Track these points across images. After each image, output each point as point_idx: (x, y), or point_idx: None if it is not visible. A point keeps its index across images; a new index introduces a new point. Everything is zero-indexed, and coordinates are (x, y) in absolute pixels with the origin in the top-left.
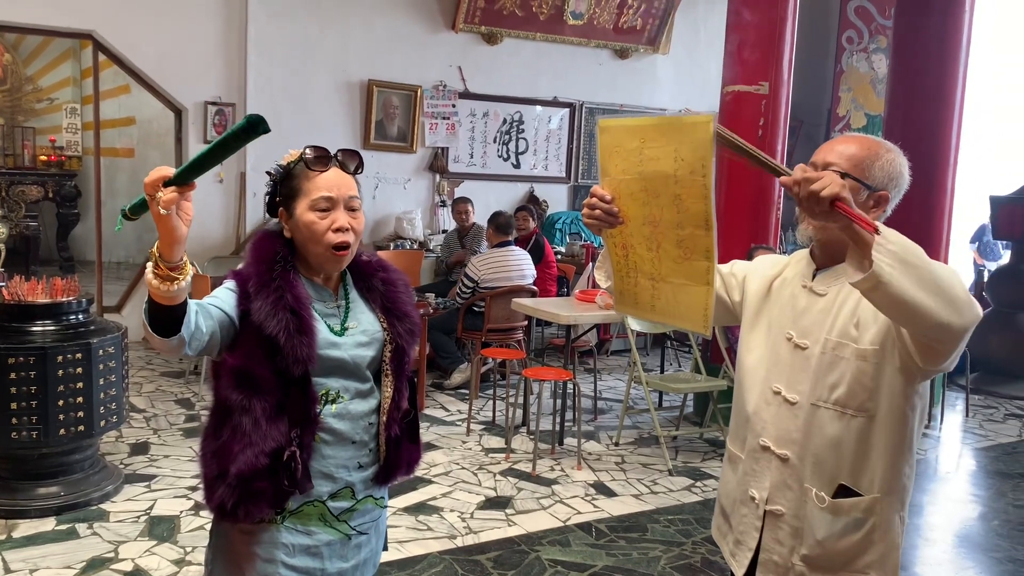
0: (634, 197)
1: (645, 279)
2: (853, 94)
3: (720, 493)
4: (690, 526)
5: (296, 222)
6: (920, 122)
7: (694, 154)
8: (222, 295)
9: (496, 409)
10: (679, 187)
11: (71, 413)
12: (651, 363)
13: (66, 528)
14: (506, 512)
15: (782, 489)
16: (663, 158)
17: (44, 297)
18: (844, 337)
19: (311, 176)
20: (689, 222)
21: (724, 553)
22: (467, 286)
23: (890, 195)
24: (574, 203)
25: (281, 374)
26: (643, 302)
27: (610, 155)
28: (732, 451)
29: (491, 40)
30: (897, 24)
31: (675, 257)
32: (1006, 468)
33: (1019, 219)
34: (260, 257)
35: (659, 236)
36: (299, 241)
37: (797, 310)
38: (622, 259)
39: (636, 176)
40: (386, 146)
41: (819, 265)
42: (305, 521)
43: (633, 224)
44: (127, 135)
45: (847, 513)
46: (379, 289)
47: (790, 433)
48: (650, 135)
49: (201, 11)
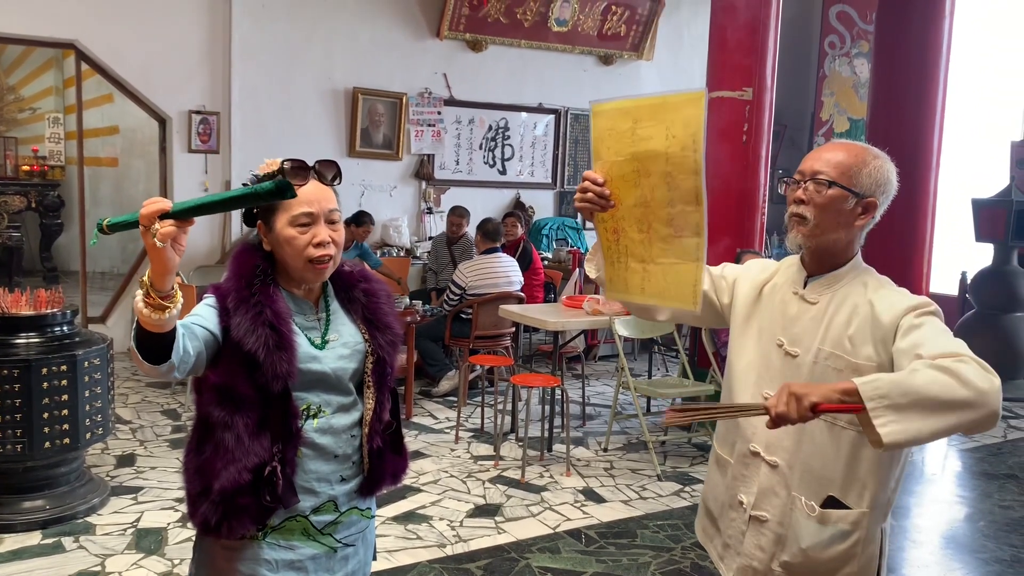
0: (626, 179)
1: (636, 262)
2: (836, 98)
3: (706, 495)
4: (679, 531)
5: (276, 236)
6: (902, 125)
7: (685, 130)
8: (204, 312)
9: (484, 416)
10: (670, 164)
11: (56, 426)
12: (639, 368)
13: (52, 542)
14: (495, 520)
15: (769, 495)
16: (655, 137)
17: (28, 309)
18: (838, 348)
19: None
20: (680, 199)
21: (712, 556)
22: (455, 293)
23: (878, 201)
24: (560, 209)
25: (262, 390)
26: (633, 286)
27: (603, 138)
28: (720, 455)
29: (476, 47)
30: (879, 29)
31: (665, 236)
32: (991, 469)
33: (1001, 221)
34: (239, 272)
35: (650, 216)
36: (279, 255)
37: (788, 317)
38: (613, 244)
39: (629, 157)
40: (372, 153)
41: (810, 272)
42: (287, 536)
43: (624, 207)
44: (110, 144)
45: (835, 524)
46: (361, 300)
47: (780, 440)
48: (642, 115)
49: (184, 20)
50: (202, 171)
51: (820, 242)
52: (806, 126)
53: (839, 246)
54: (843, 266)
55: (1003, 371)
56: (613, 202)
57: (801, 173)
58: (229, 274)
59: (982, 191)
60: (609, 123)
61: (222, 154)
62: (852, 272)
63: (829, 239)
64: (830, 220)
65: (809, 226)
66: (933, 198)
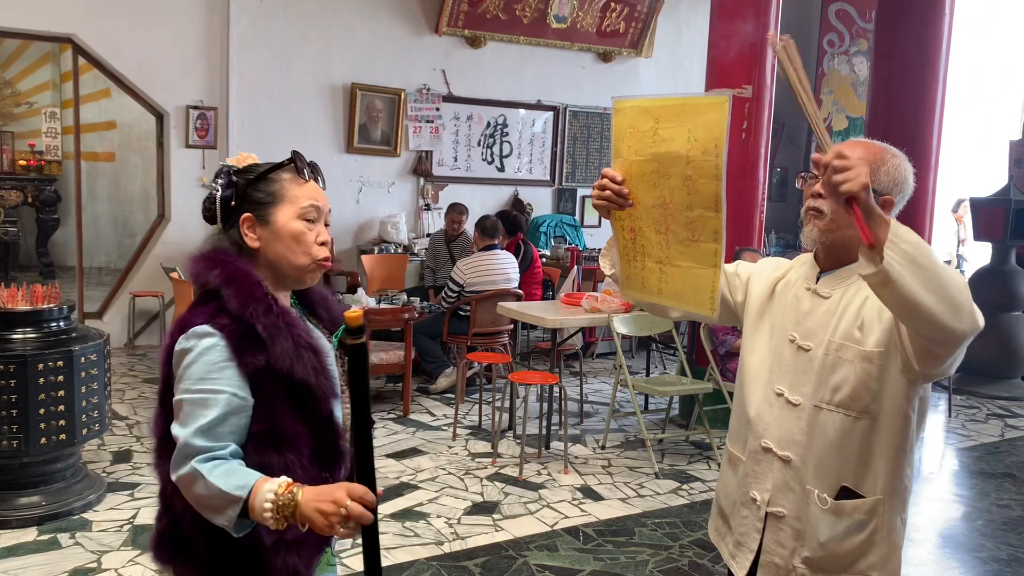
0: (645, 178)
1: (653, 262)
2: (835, 96)
3: (719, 494)
4: (677, 529)
5: (275, 231)
6: (901, 124)
7: (708, 134)
8: (230, 378)
9: (482, 414)
10: (691, 168)
11: (52, 422)
12: (636, 366)
13: (48, 538)
14: (493, 517)
15: (784, 491)
16: (677, 138)
17: (25, 304)
18: (848, 339)
19: (300, 183)
20: (699, 204)
21: (723, 555)
22: (453, 290)
23: (895, 200)
24: (558, 206)
25: (309, 419)
26: (651, 286)
27: (623, 136)
28: (732, 452)
29: (474, 43)
30: (878, 27)
31: (683, 240)
32: (989, 468)
33: (1000, 221)
34: (250, 292)
35: (668, 219)
36: (273, 253)
37: (801, 312)
38: (629, 243)
39: (649, 157)
40: (370, 150)
41: (823, 268)
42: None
43: (642, 207)
44: (108, 139)
45: (850, 515)
46: (318, 302)
47: (792, 435)
48: (665, 115)
49: (182, 14)
50: (199, 166)
51: (835, 237)
52: (804, 124)
53: (853, 242)
54: (856, 261)
55: (1001, 370)
56: (631, 201)
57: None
58: (239, 301)
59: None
60: (630, 121)
61: (219, 149)
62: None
63: (844, 235)
64: (846, 215)
65: (825, 220)
66: (932, 197)
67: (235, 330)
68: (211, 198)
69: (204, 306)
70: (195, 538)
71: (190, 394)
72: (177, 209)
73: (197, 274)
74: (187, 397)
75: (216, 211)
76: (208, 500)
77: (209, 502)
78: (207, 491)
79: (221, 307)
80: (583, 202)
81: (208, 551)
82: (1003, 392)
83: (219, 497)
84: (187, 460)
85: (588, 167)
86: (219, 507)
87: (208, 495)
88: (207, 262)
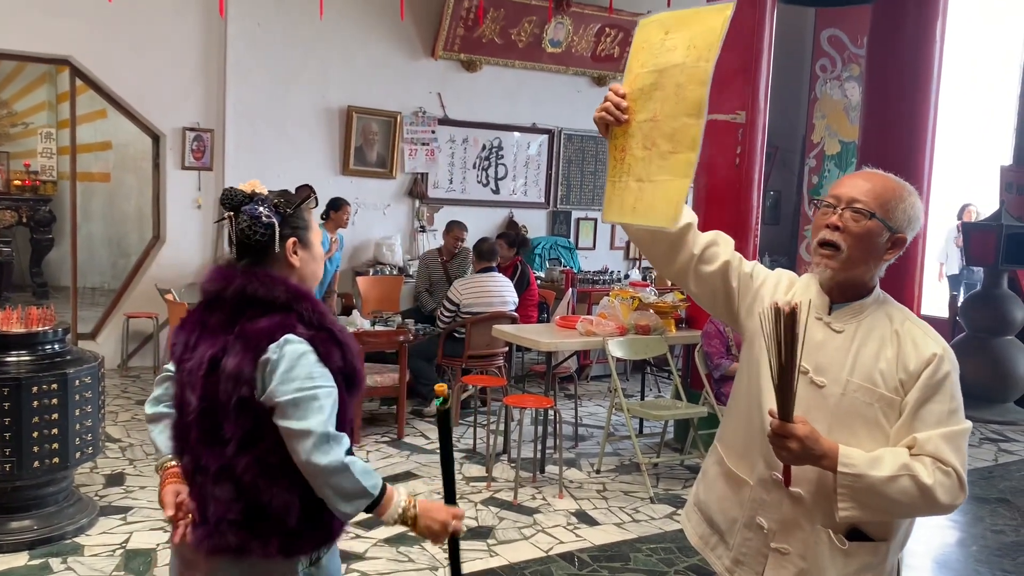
0: (643, 92)
1: (634, 180)
2: (827, 121)
3: (707, 503)
4: (672, 555)
5: (312, 253)
6: (893, 149)
7: (704, 40)
8: (327, 376)
9: (477, 437)
10: (683, 75)
11: (46, 445)
12: (631, 388)
13: (39, 563)
14: (487, 542)
15: (792, 528)
16: (679, 47)
17: (19, 327)
18: (868, 382)
19: (309, 210)
20: (684, 111)
21: (715, 567)
22: (449, 309)
23: (907, 237)
24: (553, 229)
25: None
26: (626, 205)
27: (637, 53)
28: (735, 472)
29: (470, 67)
30: (869, 53)
31: (664, 153)
32: (983, 493)
33: (992, 245)
34: (318, 306)
35: (655, 132)
36: (308, 270)
37: (813, 343)
38: (619, 162)
39: (652, 69)
40: (365, 172)
41: (833, 300)
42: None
43: (636, 122)
44: (103, 159)
45: (861, 557)
46: None
47: (805, 471)
48: (675, 24)
49: (180, 37)
50: (195, 188)
51: (849, 275)
52: (797, 148)
53: (864, 278)
54: (867, 296)
55: (993, 394)
56: (627, 116)
57: (836, 198)
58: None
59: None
60: (646, 35)
61: (215, 171)
62: (876, 303)
63: (857, 272)
64: (862, 252)
65: (842, 257)
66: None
67: (314, 337)
68: (268, 225)
69: (273, 318)
70: (287, 514)
71: (301, 392)
72: (172, 230)
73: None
74: (298, 395)
75: (275, 236)
76: (348, 490)
77: (348, 492)
78: (350, 484)
79: (298, 318)
80: (578, 224)
81: (299, 521)
82: (996, 416)
83: (359, 491)
84: (334, 448)
85: (583, 190)
86: (353, 497)
87: (351, 488)
88: (268, 280)
